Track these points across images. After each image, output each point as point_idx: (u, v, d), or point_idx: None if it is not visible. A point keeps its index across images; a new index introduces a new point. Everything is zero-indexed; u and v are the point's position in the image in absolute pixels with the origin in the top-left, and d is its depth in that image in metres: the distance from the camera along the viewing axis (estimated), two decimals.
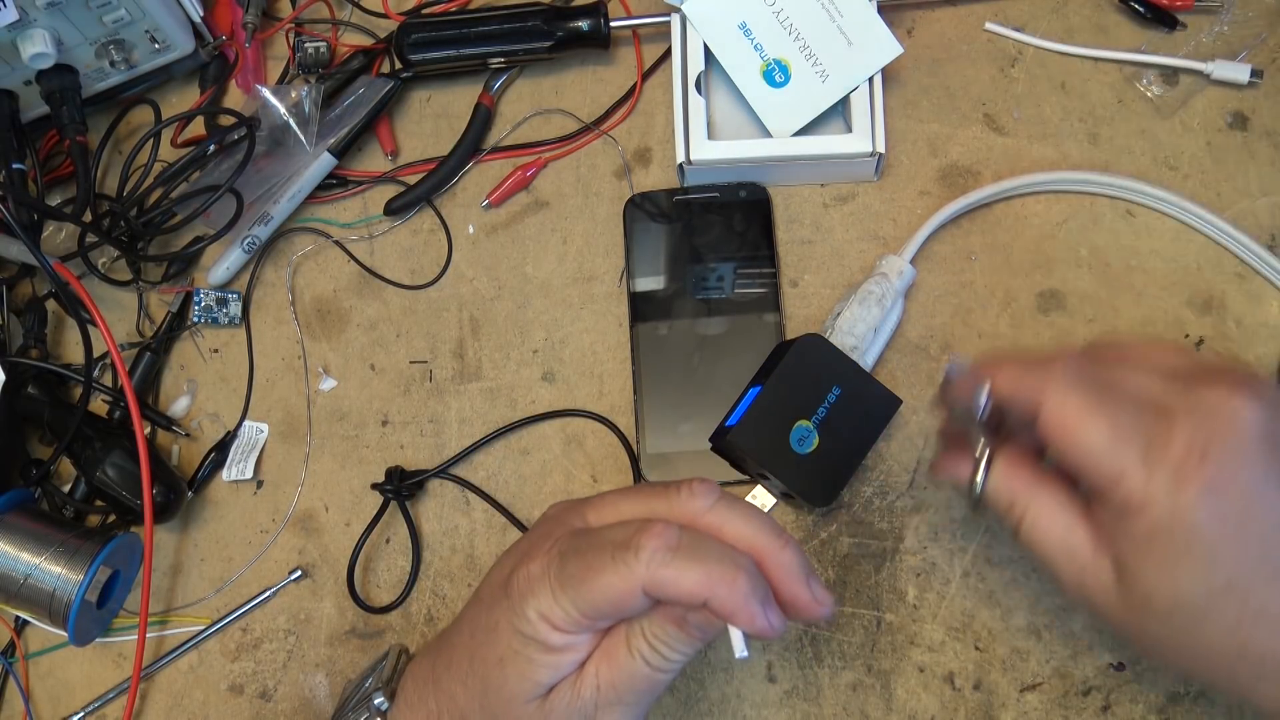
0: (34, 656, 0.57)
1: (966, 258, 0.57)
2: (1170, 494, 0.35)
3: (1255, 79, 0.56)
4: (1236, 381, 0.37)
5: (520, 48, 0.60)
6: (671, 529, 0.36)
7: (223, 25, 0.63)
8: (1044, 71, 0.59)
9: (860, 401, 0.50)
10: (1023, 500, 0.40)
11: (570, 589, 0.37)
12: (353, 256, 0.61)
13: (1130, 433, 0.36)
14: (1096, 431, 0.37)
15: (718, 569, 0.35)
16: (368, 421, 0.58)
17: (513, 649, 0.38)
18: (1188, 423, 0.36)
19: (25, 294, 0.61)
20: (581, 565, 0.37)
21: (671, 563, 0.35)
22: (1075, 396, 0.37)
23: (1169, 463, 0.35)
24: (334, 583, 0.56)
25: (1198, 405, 0.36)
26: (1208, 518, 0.35)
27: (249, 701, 0.55)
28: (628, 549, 0.36)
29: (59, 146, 0.62)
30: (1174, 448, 0.36)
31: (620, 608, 0.37)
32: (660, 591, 0.36)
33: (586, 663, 0.39)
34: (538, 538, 0.40)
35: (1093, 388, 0.38)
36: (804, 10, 0.57)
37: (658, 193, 0.59)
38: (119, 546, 0.52)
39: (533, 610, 0.38)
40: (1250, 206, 0.55)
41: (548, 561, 0.38)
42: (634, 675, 0.38)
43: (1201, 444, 0.35)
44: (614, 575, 0.36)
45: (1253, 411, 0.36)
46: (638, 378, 0.56)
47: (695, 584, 0.35)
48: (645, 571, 0.35)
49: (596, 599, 0.36)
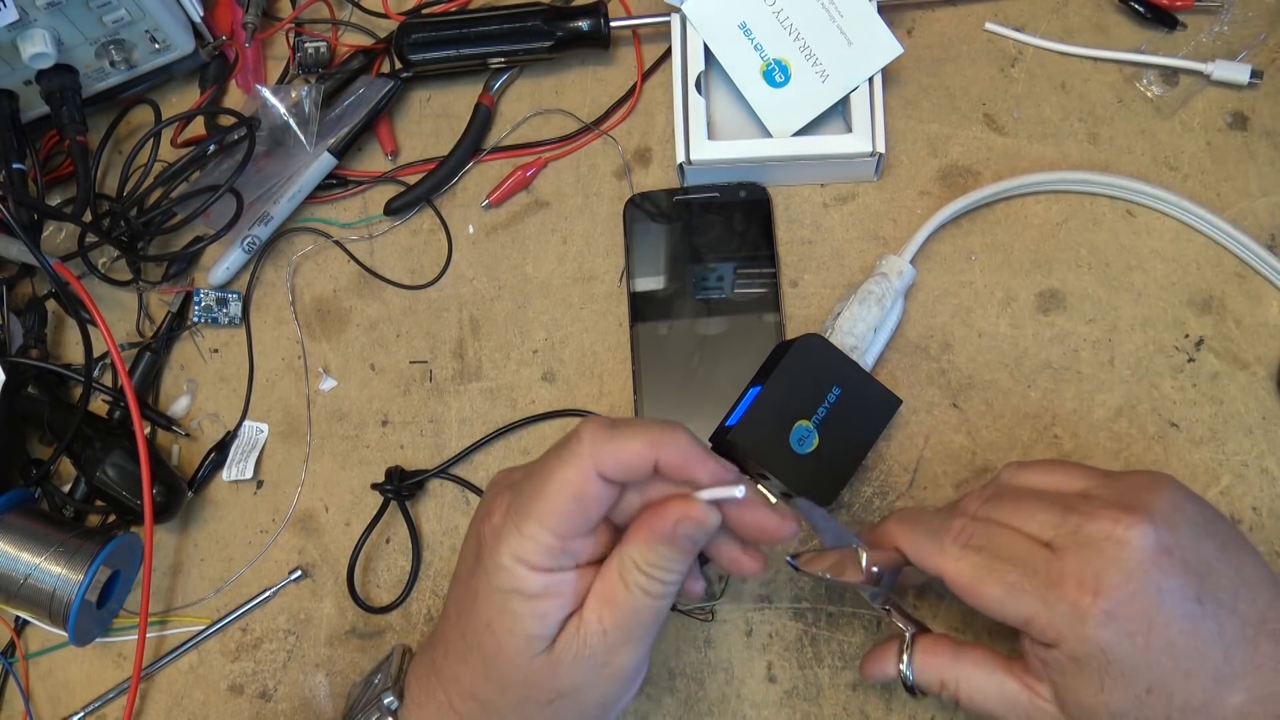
0: (34, 656, 0.57)
1: (966, 258, 0.57)
2: (1074, 628, 0.39)
3: (1255, 79, 0.56)
4: (1123, 507, 0.40)
5: (520, 48, 0.60)
6: (602, 418, 0.39)
7: (223, 25, 0.63)
8: (1044, 71, 0.59)
9: (860, 401, 0.50)
10: (950, 678, 0.43)
11: (532, 514, 0.38)
12: (353, 256, 0.61)
13: (1022, 584, 0.40)
14: (992, 593, 0.41)
15: (655, 429, 0.38)
16: (368, 421, 0.58)
17: (496, 608, 0.39)
18: (1077, 559, 0.39)
19: (25, 294, 0.61)
20: (533, 484, 0.38)
21: (612, 437, 0.37)
22: (966, 566, 0.42)
23: (1066, 601, 0.39)
24: (334, 583, 0.56)
25: (1086, 540, 0.40)
26: (1114, 640, 0.38)
27: (249, 701, 0.55)
28: (568, 444, 0.38)
29: (59, 146, 0.62)
30: (1068, 587, 0.39)
31: (583, 505, 0.37)
32: (612, 464, 0.37)
33: (585, 610, 0.39)
34: (489, 499, 0.41)
35: (981, 552, 0.42)
36: (804, 10, 0.57)
37: (658, 193, 0.59)
38: (119, 546, 0.52)
39: (505, 557, 0.38)
40: (1250, 206, 0.56)
41: (504, 505, 0.39)
42: (638, 610, 0.39)
43: (1092, 578, 0.39)
44: (564, 470, 0.37)
45: (1141, 535, 0.39)
46: (638, 378, 0.56)
47: (640, 445, 0.37)
48: (590, 453, 0.37)
49: (557, 507, 0.37)
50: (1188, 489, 0.42)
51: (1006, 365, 0.55)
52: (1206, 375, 0.54)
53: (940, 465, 0.54)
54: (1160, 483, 0.42)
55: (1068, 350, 0.55)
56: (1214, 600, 0.39)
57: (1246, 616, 0.39)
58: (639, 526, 0.39)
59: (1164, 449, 0.53)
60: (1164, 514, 0.40)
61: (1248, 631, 0.39)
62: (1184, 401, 0.53)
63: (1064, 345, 0.55)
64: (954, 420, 0.54)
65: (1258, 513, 0.51)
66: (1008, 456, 0.53)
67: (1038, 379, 0.54)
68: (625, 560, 0.38)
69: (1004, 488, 0.45)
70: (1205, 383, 0.53)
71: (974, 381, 0.55)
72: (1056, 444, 0.53)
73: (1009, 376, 0.55)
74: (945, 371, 0.55)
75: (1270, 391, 0.53)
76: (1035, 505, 0.42)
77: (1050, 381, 0.54)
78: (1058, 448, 0.53)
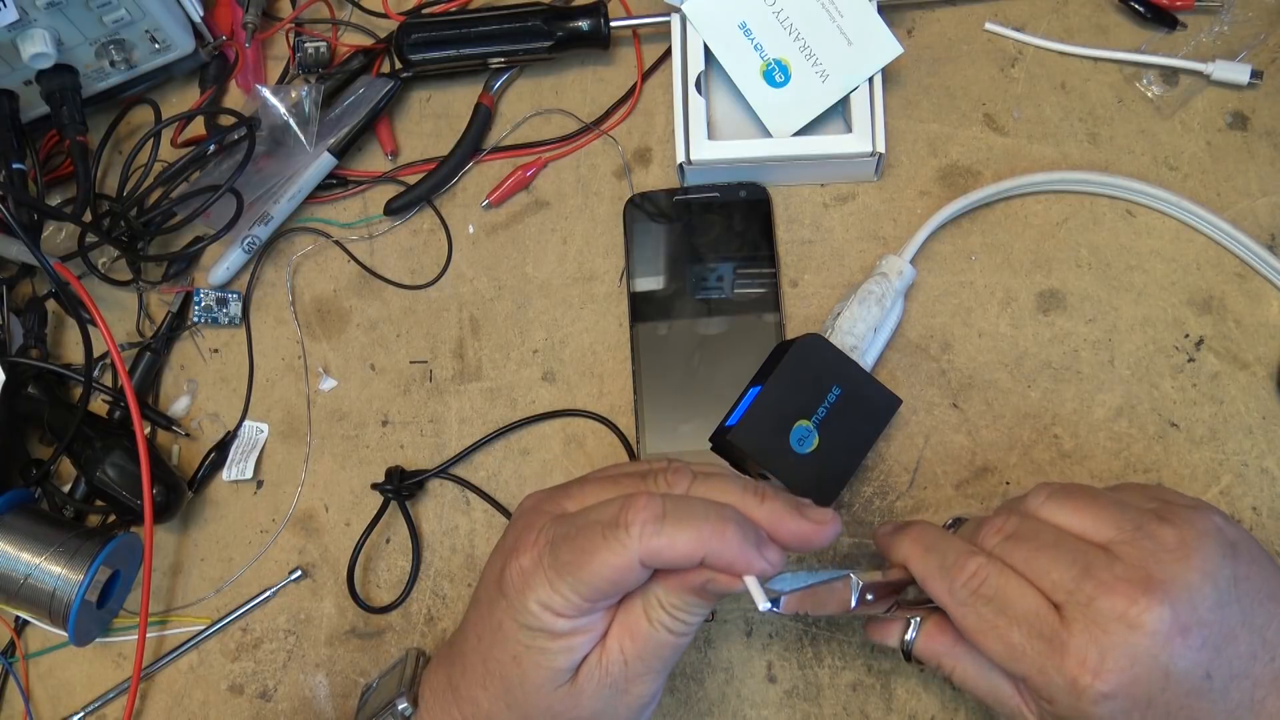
0: (34, 656, 0.57)
1: (966, 258, 0.57)
2: (1068, 699, 0.38)
3: (1255, 79, 0.56)
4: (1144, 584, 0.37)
5: (520, 48, 0.60)
6: (655, 499, 0.37)
7: (223, 25, 0.63)
8: (1044, 71, 0.59)
9: (860, 401, 0.50)
10: (948, 660, 0.43)
11: (566, 575, 0.37)
12: (353, 256, 0.61)
13: (1024, 647, 0.39)
14: (993, 648, 0.40)
15: (706, 526, 0.37)
16: (368, 421, 0.58)
17: (523, 644, 0.39)
18: (1083, 635, 0.37)
19: (25, 294, 0.61)
20: (574, 550, 0.38)
21: (662, 531, 0.37)
22: (971, 615, 0.40)
23: (1065, 675, 0.37)
24: (334, 583, 0.56)
25: (1096, 616, 0.37)
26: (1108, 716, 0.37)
27: (249, 701, 0.55)
28: (618, 526, 0.37)
29: (59, 146, 0.62)
30: (1069, 662, 0.37)
31: (619, 584, 0.38)
32: (656, 560, 0.37)
33: (608, 640, 0.39)
34: (521, 530, 0.41)
35: (989, 604, 0.40)
36: (804, 10, 0.57)
37: (658, 193, 0.59)
38: (119, 546, 0.52)
39: (533, 603, 0.38)
40: (1250, 206, 0.56)
41: (538, 553, 0.39)
42: (659, 645, 0.39)
43: (1096, 658, 0.37)
44: (609, 554, 0.37)
45: (1156, 620, 0.37)
46: (638, 378, 0.56)
47: (688, 546, 0.36)
48: (639, 545, 0.36)
49: (594, 580, 0.37)
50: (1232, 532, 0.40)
51: (1006, 365, 0.55)
52: (1206, 375, 0.54)
53: (940, 465, 0.54)
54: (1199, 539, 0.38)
55: (1068, 350, 0.55)
56: (1226, 672, 0.37)
57: (1259, 678, 0.38)
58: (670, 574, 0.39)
59: (1164, 449, 0.53)
60: (1191, 586, 0.37)
61: (1258, 694, 0.38)
62: (1184, 401, 0.53)
63: (1064, 345, 0.55)
64: (954, 420, 0.54)
65: (1258, 513, 0.51)
66: (1008, 456, 0.53)
67: (1038, 379, 0.54)
68: (651, 598, 0.39)
69: (1029, 522, 0.42)
70: (1205, 383, 0.53)
71: (974, 381, 0.55)
72: (1056, 444, 0.53)
73: (1009, 376, 0.55)
74: (945, 371, 0.55)
75: (1270, 391, 0.53)
76: (1054, 558, 0.40)
77: (1050, 381, 0.54)
78: (1058, 448, 0.53)
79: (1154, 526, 0.39)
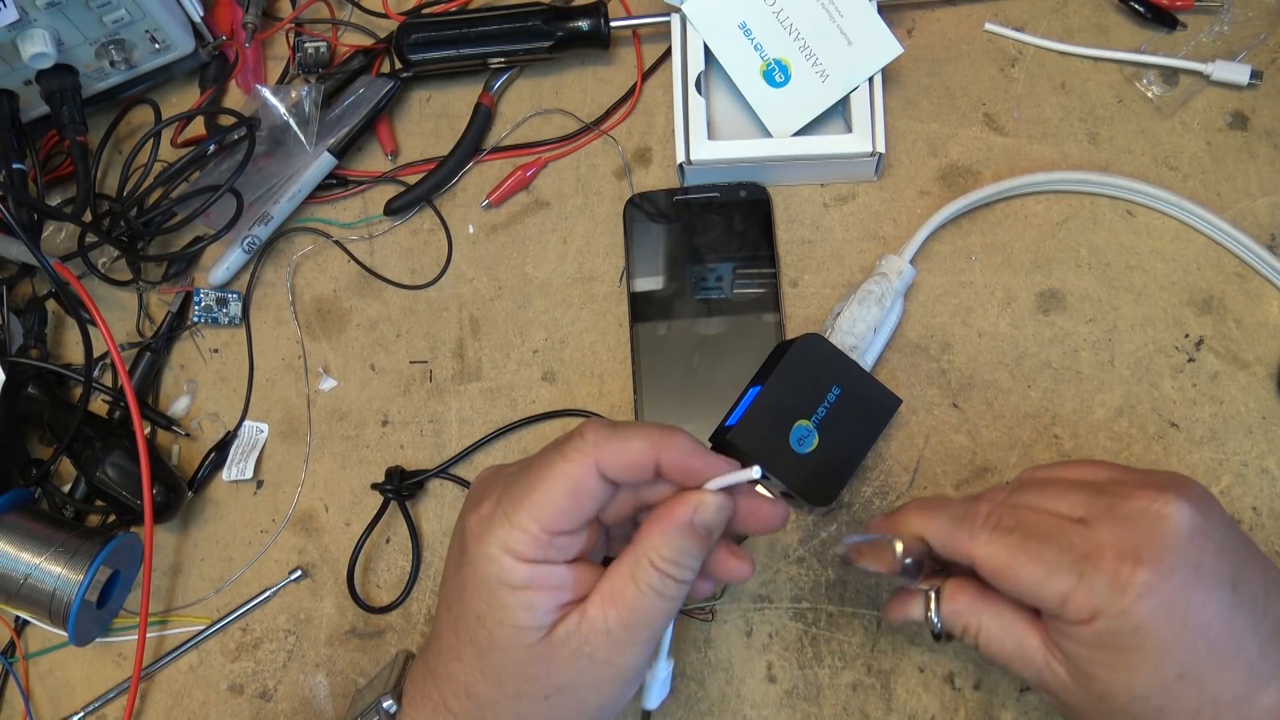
0: (34, 656, 0.57)
1: (966, 258, 0.57)
2: (1113, 601, 0.37)
3: (1255, 79, 0.56)
4: (1158, 486, 0.39)
5: (520, 48, 0.60)
6: (604, 420, 0.39)
7: (223, 25, 0.63)
8: (1044, 71, 0.59)
9: (860, 401, 0.50)
10: (973, 623, 0.42)
11: (524, 505, 0.38)
12: (353, 256, 0.61)
13: (1059, 560, 0.38)
14: (1027, 573, 0.39)
15: (656, 431, 0.38)
16: (368, 421, 0.58)
17: (485, 600, 0.38)
18: (1114, 532, 0.38)
19: (25, 294, 0.61)
20: (529, 478, 0.38)
21: (614, 436, 0.38)
22: (999, 549, 0.40)
23: (1104, 573, 0.37)
24: (334, 583, 0.56)
25: (1123, 514, 0.38)
26: (1151, 617, 0.37)
27: (249, 701, 0.55)
28: (569, 439, 0.38)
29: (59, 146, 0.62)
30: (1106, 559, 0.37)
31: (578, 501, 0.38)
32: (613, 463, 0.37)
33: (588, 607, 0.38)
34: (480, 491, 0.41)
35: (1013, 532, 0.40)
36: (804, 10, 0.57)
37: (658, 193, 0.59)
38: (119, 546, 0.52)
39: (493, 547, 0.38)
40: (1250, 206, 0.56)
41: (495, 496, 0.39)
42: (647, 610, 0.38)
43: (1132, 550, 0.37)
44: (565, 463, 0.37)
45: (1179, 512, 0.38)
46: (638, 378, 0.56)
47: (641, 445, 0.38)
48: (593, 448, 0.37)
49: (553, 498, 0.37)
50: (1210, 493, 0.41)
51: (1006, 365, 0.55)
52: (1206, 375, 0.54)
53: (940, 465, 0.54)
54: (1186, 479, 0.41)
55: (1068, 350, 0.55)
56: (1249, 593, 0.37)
57: (1277, 619, 0.38)
58: (655, 519, 0.38)
59: (1164, 449, 0.53)
60: (1198, 499, 0.39)
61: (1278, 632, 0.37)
62: (1184, 401, 0.53)
63: (1064, 345, 0.55)
64: (954, 420, 0.54)
65: (1258, 513, 0.51)
66: (1008, 457, 0.54)
67: (1038, 379, 0.54)
68: (639, 557, 0.38)
69: (1027, 480, 0.43)
70: (1205, 383, 0.53)
71: (974, 381, 0.55)
72: (1056, 444, 0.53)
73: (1009, 376, 0.55)
74: (945, 371, 0.55)
75: (1270, 391, 0.53)
76: (1064, 488, 0.41)
77: (1050, 381, 0.54)
78: (1058, 448, 0.53)
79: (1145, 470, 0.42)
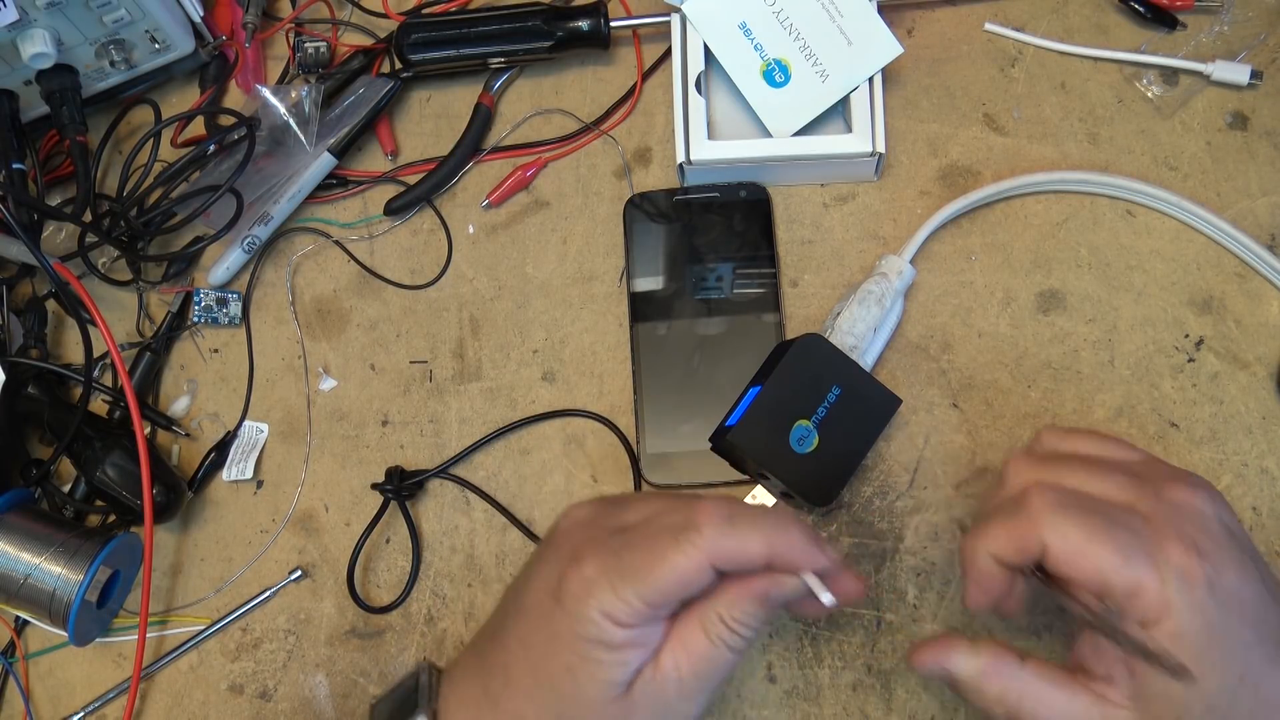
0: (34, 656, 0.57)
1: (966, 258, 0.57)
2: (1185, 595, 0.36)
3: (1255, 79, 0.56)
4: (1189, 479, 0.39)
5: (520, 48, 0.60)
6: (721, 502, 0.39)
7: (223, 25, 0.63)
8: (1044, 71, 0.59)
9: (860, 401, 0.50)
10: (1014, 696, 0.39)
11: (633, 580, 0.38)
12: (353, 256, 0.61)
13: (1131, 547, 0.37)
14: (1105, 555, 0.37)
15: (771, 527, 0.38)
16: (368, 421, 0.58)
17: (579, 654, 0.39)
18: (1172, 525, 0.37)
19: (25, 294, 0.61)
20: (642, 554, 0.38)
21: (733, 531, 0.38)
22: (1071, 528, 0.37)
23: (1174, 566, 0.36)
24: (334, 583, 0.56)
25: (1173, 506, 0.37)
26: (1220, 612, 0.36)
27: (249, 701, 0.55)
28: (688, 528, 0.38)
29: (59, 146, 0.62)
30: (1172, 551, 0.36)
31: (686, 588, 0.38)
32: (727, 560, 0.38)
33: (661, 657, 0.39)
34: (581, 541, 0.41)
35: (1080, 511, 0.38)
36: (804, 10, 0.57)
37: (658, 193, 0.59)
38: (119, 546, 0.52)
39: (594, 611, 0.38)
40: (1250, 206, 0.56)
41: (602, 561, 0.39)
42: (714, 660, 0.39)
43: (1192, 543, 0.36)
44: (679, 555, 0.38)
45: (1217, 509, 0.38)
46: (638, 378, 0.56)
47: (758, 545, 0.38)
48: (710, 545, 0.38)
49: (662, 584, 0.38)
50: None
51: (1006, 365, 0.55)
52: (1206, 375, 0.54)
53: (940, 465, 0.54)
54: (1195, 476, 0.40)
55: (1068, 350, 0.55)
56: (1272, 588, 0.37)
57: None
58: (731, 585, 0.39)
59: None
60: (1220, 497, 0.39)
61: None
62: (1184, 401, 0.53)
63: (1064, 345, 0.55)
64: (954, 420, 0.54)
65: (1258, 513, 0.51)
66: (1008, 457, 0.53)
67: (1038, 379, 0.54)
68: (710, 613, 0.39)
69: (1053, 454, 0.42)
70: (1205, 383, 0.53)
71: (974, 381, 0.55)
72: None
73: (1009, 376, 0.55)
74: (945, 371, 0.55)
75: (1270, 391, 0.53)
76: (1104, 469, 0.39)
77: (1050, 381, 0.54)
78: None
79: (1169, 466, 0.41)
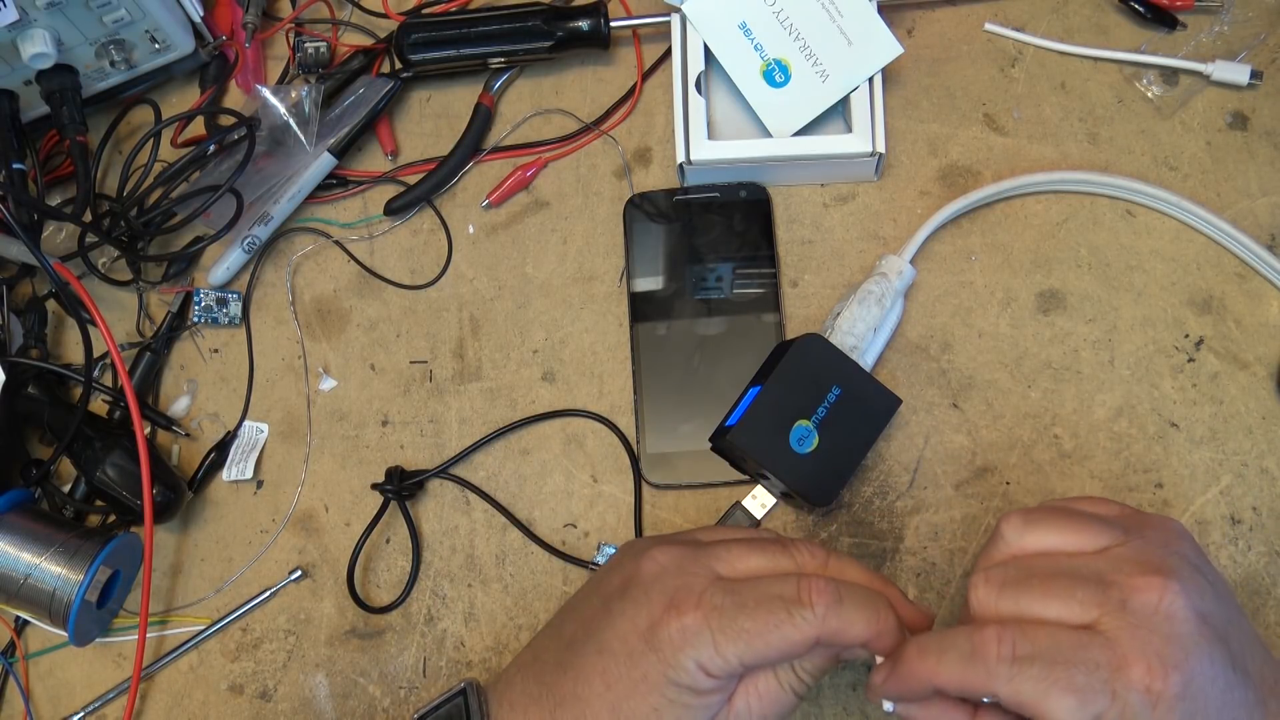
0: (34, 656, 0.57)
1: (966, 258, 0.57)
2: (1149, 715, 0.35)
3: (1255, 79, 0.56)
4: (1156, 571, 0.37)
5: (520, 48, 0.60)
6: (832, 584, 0.40)
7: (223, 25, 0.63)
8: (1044, 71, 0.59)
9: (860, 401, 0.50)
10: None
11: (737, 642, 0.40)
12: (353, 256, 0.61)
13: (1089, 684, 0.35)
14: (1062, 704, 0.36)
15: (873, 613, 0.40)
16: (368, 421, 0.58)
17: (667, 698, 0.41)
18: (1134, 639, 0.36)
19: (25, 294, 0.61)
20: (754, 620, 0.40)
21: (841, 614, 0.40)
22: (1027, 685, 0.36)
23: (1136, 688, 0.35)
24: (334, 583, 0.56)
25: (1136, 613, 0.36)
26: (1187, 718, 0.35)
27: (249, 701, 0.55)
28: (801, 604, 0.40)
29: (59, 146, 0.62)
30: (1134, 673, 0.35)
31: (789, 656, 0.41)
32: (833, 640, 0.40)
33: (735, 699, 0.42)
34: (676, 590, 0.42)
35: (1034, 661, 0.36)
36: (804, 10, 0.57)
37: (658, 193, 0.59)
38: (119, 546, 0.52)
39: (690, 661, 0.40)
40: (1250, 206, 0.56)
41: (704, 614, 0.40)
42: (784, 705, 0.42)
43: (1158, 659, 0.35)
44: (792, 629, 0.40)
45: (1185, 606, 0.36)
46: (638, 378, 0.56)
47: (862, 629, 0.40)
48: (821, 624, 0.40)
49: (768, 650, 0.40)
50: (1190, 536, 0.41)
51: (1006, 365, 0.55)
52: (1206, 375, 0.54)
53: (940, 465, 0.54)
54: (1172, 537, 0.40)
55: (1068, 350, 0.55)
56: (1243, 666, 0.37)
57: (1260, 677, 0.37)
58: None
59: (1164, 449, 0.53)
60: (1188, 575, 0.37)
61: (1261, 694, 0.37)
62: (1184, 401, 0.53)
63: (1064, 345, 0.55)
64: (954, 420, 0.54)
65: (1258, 513, 0.51)
66: (1008, 457, 0.54)
67: (1038, 379, 0.54)
68: (785, 664, 0.42)
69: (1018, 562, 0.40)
70: (1205, 383, 0.53)
71: (974, 381, 0.55)
72: (1056, 444, 0.53)
73: (1009, 376, 0.55)
74: (945, 371, 0.55)
75: (1270, 391, 0.53)
76: (1066, 585, 0.38)
77: (1050, 381, 0.54)
78: (1058, 448, 0.53)
79: (1136, 527, 0.40)
